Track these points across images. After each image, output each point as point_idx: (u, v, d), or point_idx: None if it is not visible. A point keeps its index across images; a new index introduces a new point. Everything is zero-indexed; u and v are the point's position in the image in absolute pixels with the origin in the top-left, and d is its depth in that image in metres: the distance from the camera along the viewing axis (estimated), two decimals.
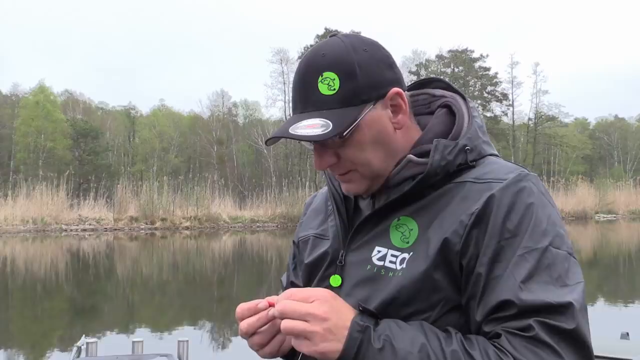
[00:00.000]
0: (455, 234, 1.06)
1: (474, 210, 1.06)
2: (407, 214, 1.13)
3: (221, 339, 8.94)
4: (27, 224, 25.24)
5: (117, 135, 52.45)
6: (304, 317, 1.01)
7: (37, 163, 41.70)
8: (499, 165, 1.13)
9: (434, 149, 1.11)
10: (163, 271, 16.31)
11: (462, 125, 1.16)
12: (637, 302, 11.54)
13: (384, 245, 1.13)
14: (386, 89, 1.12)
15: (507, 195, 1.06)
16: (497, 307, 1.02)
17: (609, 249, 21.37)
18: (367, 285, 1.12)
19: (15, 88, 49.93)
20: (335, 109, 1.09)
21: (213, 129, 51.07)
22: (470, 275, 1.05)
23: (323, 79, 1.10)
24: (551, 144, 53.89)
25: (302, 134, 1.08)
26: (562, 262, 1.04)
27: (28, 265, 16.60)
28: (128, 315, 10.92)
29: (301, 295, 1.05)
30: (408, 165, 1.14)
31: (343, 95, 1.09)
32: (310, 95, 1.11)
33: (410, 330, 1.03)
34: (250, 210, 31.93)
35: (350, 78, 1.10)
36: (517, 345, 0.98)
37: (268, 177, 44.05)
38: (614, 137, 62.55)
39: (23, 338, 9.07)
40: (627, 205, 40.27)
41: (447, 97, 1.23)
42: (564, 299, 1.00)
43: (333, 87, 1.09)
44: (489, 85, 50.71)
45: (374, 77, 1.11)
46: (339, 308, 1.04)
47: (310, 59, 1.12)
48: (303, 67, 1.13)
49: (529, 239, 1.04)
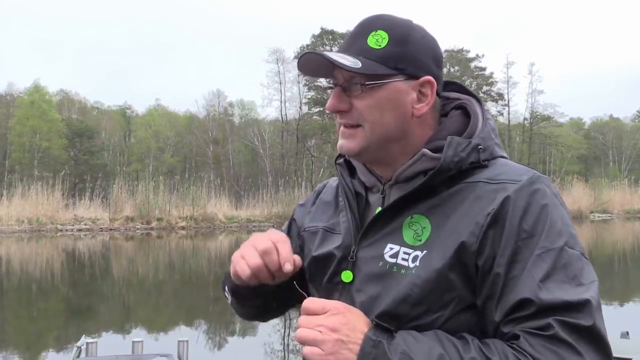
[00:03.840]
0: (471, 234, 1.07)
1: (490, 211, 1.07)
2: (420, 212, 1.14)
3: (220, 338, 8.94)
4: (23, 224, 25.14)
5: (113, 135, 52.28)
6: (317, 327, 1.04)
7: (33, 163, 41.55)
8: (510, 167, 1.14)
9: (447, 145, 1.12)
10: (159, 271, 16.27)
11: (476, 126, 1.18)
12: (636, 301, 11.59)
13: (397, 242, 1.13)
14: (422, 74, 1.16)
15: (522, 196, 1.07)
16: (516, 306, 1.02)
17: (605, 248, 21.44)
18: (379, 282, 1.13)
19: (11, 87, 49.64)
20: (372, 60, 1.13)
21: (209, 128, 50.99)
22: (487, 275, 1.06)
23: (375, 34, 1.16)
24: (546, 144, 53.98)
25: (332, 57, 1.12)
26: (577, 261, 1.06)
27: (24, 266, 16.54)
28: (126, 315, 10.90)
29: (316, 306, 1.07)
30: (422, 159, 1.15)
31: (384, 54, 1.14)
32: (356, 43, 1.16)
33: (427, 341, 1.03)
34: (247, 210, 31.89)
35: (398, 44, 1.15)
36: (537, 346, 0.99)
37: (264, 176, 44.00)
38: (609, 137, 62.71)
39: (23, 338, 9.04)
40: (622, 204, 40.42)
41: (461, 100, 1.25)
42: (581, 296, 1.01)
43: (379, 44, 1.15)
44: (485, 85, 50.76)
45: (418, 57, 1.16)
46: (353, 321, 1.05)
47: (373, 17, 1.19)
48: (363, 21, 1.20)
49: (546, 239, 1.05)
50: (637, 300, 11.71)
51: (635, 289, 13.33)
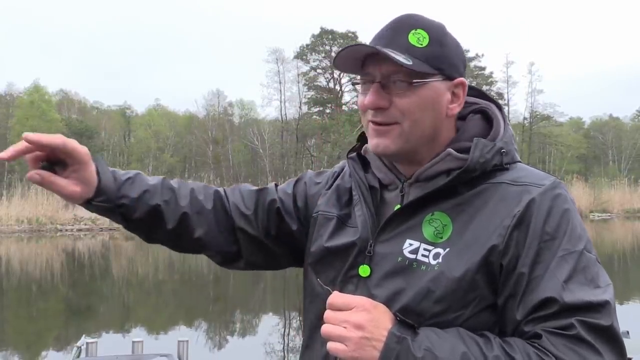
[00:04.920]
0: (499, 235, 1.09)
1: (516, 213, 1.09)
2: (441, 210, 1.14)
3: (220, 338, 8.94)
4: (22, 224, 25.15)
5: (113, 134, 52.33)
6: (342, 323, 1.04)
7: None
8: (530, 171, 1.18)
9: (475, 146, 1.14)
10: (159, 271, 16.27)
11: (499, 130, 1.21)
12: (636, 300, 11.60)
13: (416, 238, 1.14)
14: (456, 75, 1.18)
15: (545, 200, 1.11)
16: (539, 305, 1.04)
17: (605, 247, 21.44)
18: (399, 277, 1.13)
19: (10, 87, 49.70)
20: (416, 58, 1.13)
21: (209, 128, 51.00)
22: (510, 274, 1.08)
23: (415, 32, 1.15)
24: (546, 143, 54.04)
25: (391, 54, 1.10)
26: (594, 265, 1.09)
27: (23, 266, 16.53)
28: (126, 315, 10.89)
29: (342, 301, 1.07)
30: (447, 158, 1.16)
31: (427, 53, 1.14)
32: (398, 39, 1.14)
33: (450, 338, 1.04)
34: None
35: (438, 44, 1.16)
36: (559, 345, 1.01)
37: (264, 176, 44.03)
38: (609, 137, 62.79)
39: (23, 338, 9.04)
40: (621, 204, 40.48)
41: (480, 104, 1.27)
42: (601, 297, 1.04)
43: (421, 42, 1.14)
44: (485, 84, 50.81)
45: (454, 59, 1.18)
46: (378, 317, 1.05)
47: (410, 15, 1.18)
48: (400, 17, 1.18)
49: (568, 242, 1.08)
50: (637, 300, 11.72)
51: (636, 288, 13.35)
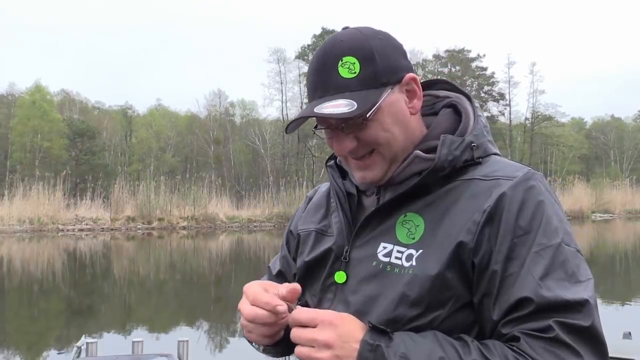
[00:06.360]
0: (468, 232, 1.06)
1: (486, 208, 1.06)
2: (413, 211, 1.13)
3: (221, 339, 8.92)
4: (24, 224, 25.15)
5: (114, 135, 52.33)
6: (309, 343, 1.01)
7: (34, 163, 41.59)
8: (504, 164, 1.14)
9: (441, 143, 1.12)
10: (160, 271, 16.27)
11: (468, 123, 1.18)
12: (638, 301, 11.55)
13: (390, 241, 1.12)
14: (402, 74, 1.14)
15: (517, 193, 1.07)
16: (515, 305, 1.01)
17: (607, 248, 21.41)
18: (374, 282, 1.11)
19: (12, 87, 49.73)
20: (356, 91, 1.10)
21: (210, 128, 51.01)
22: (483, 272, 1.05)
23: (343, 63, 1.11)
24: (548, 144, 53.97)
25: (329, 112, 1.08)
26: (574, 258, 1.05)
27: (25, 266, 16.54)
28: (126, 315, 10.89)
29: (306, 317, 1.03)
30: (415, 160, 1.14)
31: (363, 78, 1.10)
32: (331, 79, 1.11)
33: (426, 343, 1.01)
34: (248, 210, 31.90)
35: (369, 62, 1.11)
36: (537, 348, 0.98)
37: (265, 176, 44.00)
38: (611, 137, 62.69)
39: (23, 338, 9.03)
40: (623, 204, 40.37)
41: (451, 98, 1.24)
42: (580, 296, 1.01)
43: (353, 71, 1.10)
44: (486, 85, 50.73)
45: (391, 62, 1.13)
46: (345, 331, 1.01)
47: (329, 46, 1.14)
48: (322, 53, 1.14)
49: (542, 236, 1.04)
50: (639, 301, 11.68)
51: (638, 289, 13.29)
